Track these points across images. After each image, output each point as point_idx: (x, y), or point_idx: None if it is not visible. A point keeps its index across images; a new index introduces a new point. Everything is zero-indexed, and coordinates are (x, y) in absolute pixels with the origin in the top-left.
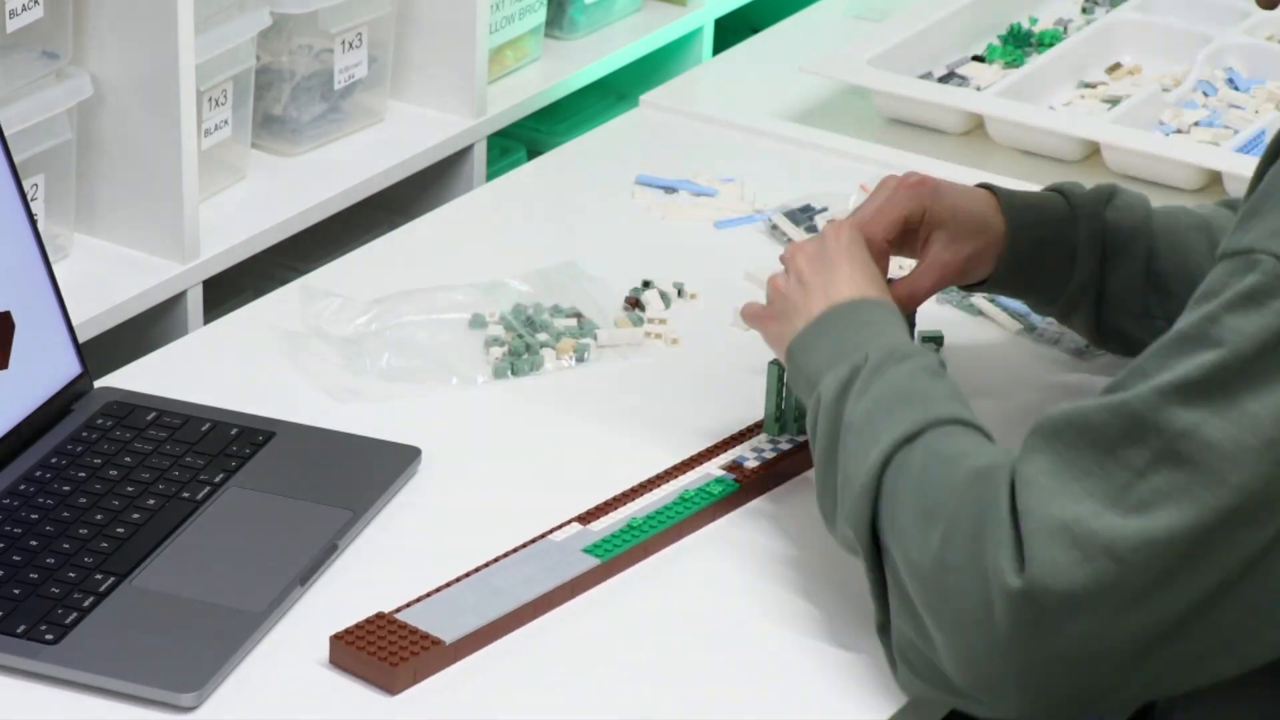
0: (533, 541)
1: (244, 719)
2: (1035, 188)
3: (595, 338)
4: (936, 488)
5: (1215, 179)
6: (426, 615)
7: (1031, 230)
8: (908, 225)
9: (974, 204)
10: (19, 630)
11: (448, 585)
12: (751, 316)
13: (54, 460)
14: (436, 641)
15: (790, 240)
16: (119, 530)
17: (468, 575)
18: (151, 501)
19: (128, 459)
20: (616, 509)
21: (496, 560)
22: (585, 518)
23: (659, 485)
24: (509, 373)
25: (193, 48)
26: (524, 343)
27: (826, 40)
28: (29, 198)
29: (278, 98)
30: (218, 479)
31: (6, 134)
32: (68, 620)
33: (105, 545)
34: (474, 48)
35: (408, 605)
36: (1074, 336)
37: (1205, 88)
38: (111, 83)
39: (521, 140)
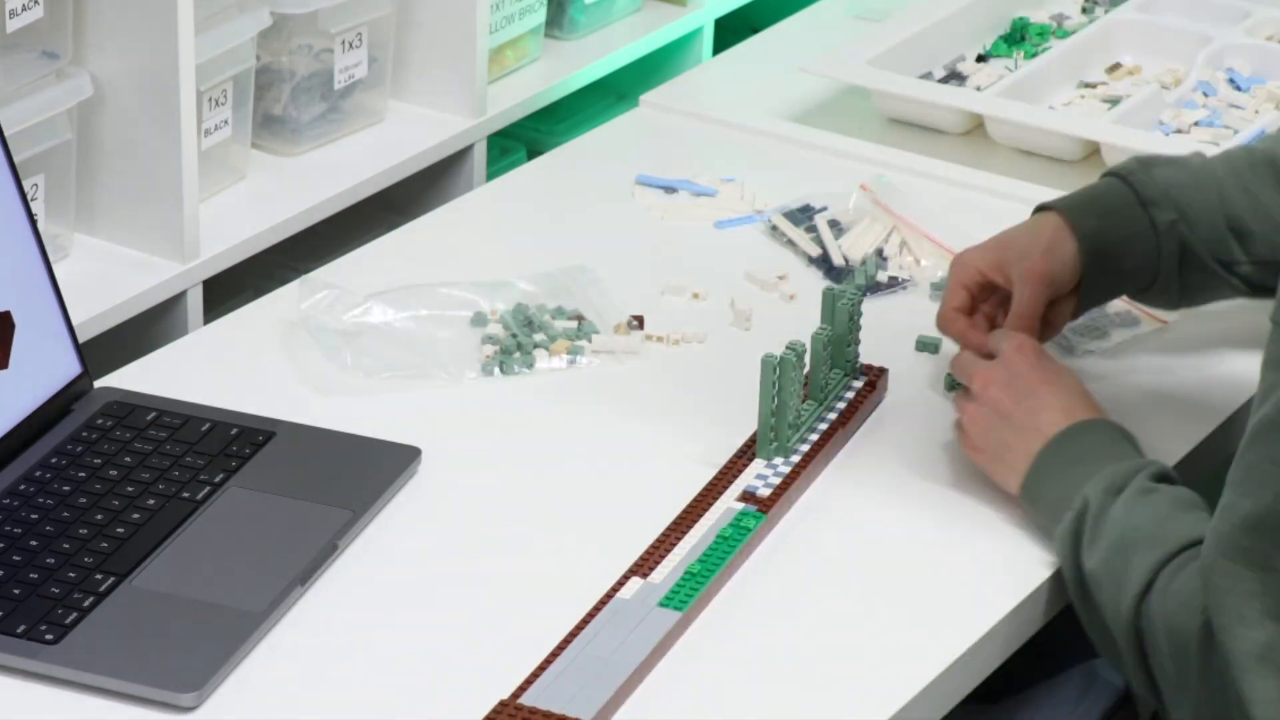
0: (603, 604)
1: (244, 719)
2: (1034, 187)
3: (590, 340)
4: (1179, 637)
5: None
6: (550, 696)
7: (1103, 241)
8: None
9: (1037, 239)
10: (19, 630)
11: (548, 662)
12: (970, 449)
13: (54, 460)
14: None
15: (789, 240)
16: (119, 530)
17: (561, 650)
18: (151, 501)
19: (128, 459)
20: (665, 556)
21: (579, 630)
22: (641, 570)
23: (688, 524)
24: (496, 371)
25: (193, 48)
26: (515, 341)
27: (826, 40)
28: (29, 198)
29: (278, 98)
30: (218, 479)
31: (6, 134)
32: (68, 620)
33: (105, 545)
34: (474, 48)
35: (522, 690)
36: (1065, 333)
37: (1205, 88)
38: (111, 83)
39: (521, 140)
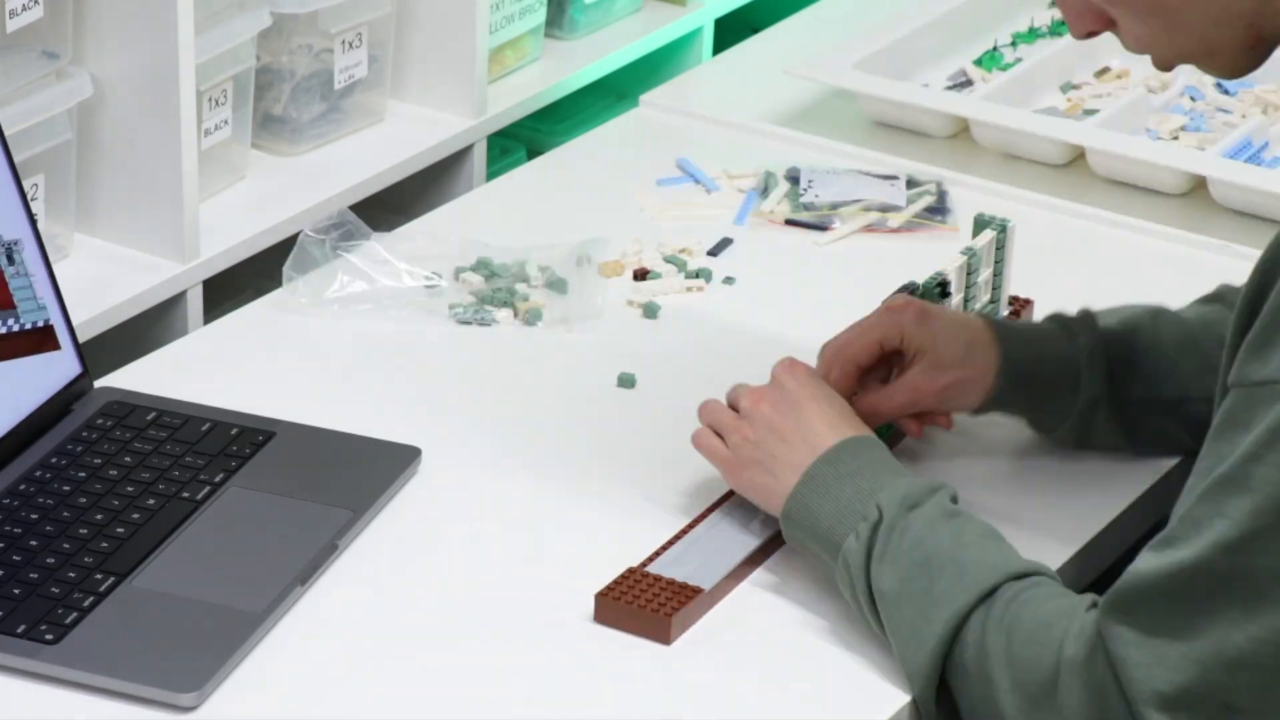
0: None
1: (244, 719)
2: (1020, 191)
3: (564, 293)
4: (1031, 670)
5: (1200, 184)
6: (676, 566)
7: (1027, 357)
8: (885, 348)
9: (961, 334)
10: (19, 630)
11: (680, 536)
12: (715, 456)
13: (54, 460)
14: (697, 590)
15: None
16: (119, 530)
17: (694, 526)
18: (151, 501)
19: (128, 459)
20: None
21: (710, 511)
22: None
23: None
24: (472, 319)
25: (193, 48)
26: (490, 291)
27: (826, 41)
28: (29, 198)
29: (278, 98)
30: (218, 479)
31: (6, 134)
32: (68, 620)
33: (105, 545)
34: (474, 48)
35: (653, 558)
36: None
37: (1192, 91)
38: (111, 83)
39: (521, 140)
